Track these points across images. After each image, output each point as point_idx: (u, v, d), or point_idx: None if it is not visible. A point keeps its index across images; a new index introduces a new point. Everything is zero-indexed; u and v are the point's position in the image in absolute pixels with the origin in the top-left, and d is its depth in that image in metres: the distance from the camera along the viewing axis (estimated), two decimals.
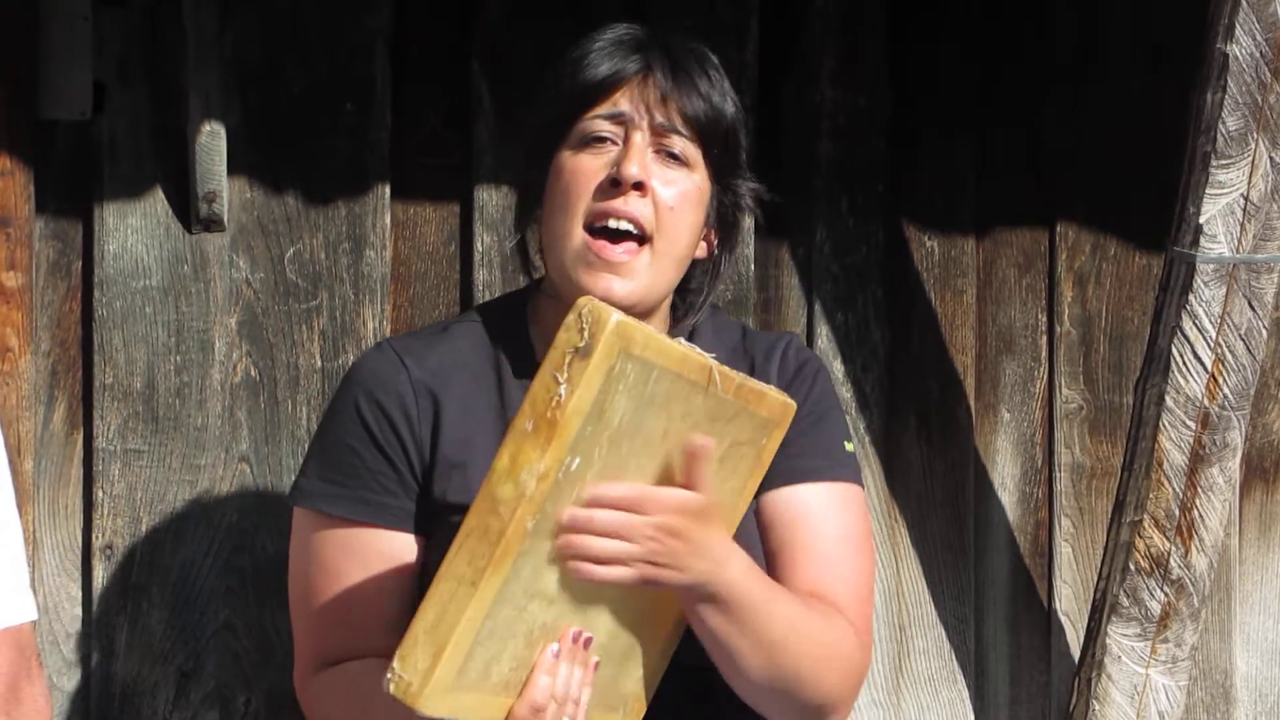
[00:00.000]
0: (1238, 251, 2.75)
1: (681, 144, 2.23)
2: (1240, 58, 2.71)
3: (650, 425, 1.96)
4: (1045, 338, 3.14)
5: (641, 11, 3.00)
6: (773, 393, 2.11)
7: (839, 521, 2.27)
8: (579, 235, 2.20)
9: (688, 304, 2.32)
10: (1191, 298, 2.75)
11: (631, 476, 1.97)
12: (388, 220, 2.95)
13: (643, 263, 2.21)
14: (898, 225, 3.11)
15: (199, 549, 2.90)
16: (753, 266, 3.05)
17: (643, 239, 2.21)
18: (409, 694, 1.89)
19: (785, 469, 2.23)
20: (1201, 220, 2.73)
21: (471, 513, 1.90)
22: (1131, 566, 2.81)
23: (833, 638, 2.19)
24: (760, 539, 2.26)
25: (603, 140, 2.22)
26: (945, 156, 3.11)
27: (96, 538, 2.89)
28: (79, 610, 2.90)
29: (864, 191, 3.09)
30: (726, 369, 2.04)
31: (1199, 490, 2.80)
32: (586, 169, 2.22)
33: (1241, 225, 2.74)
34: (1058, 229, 3.14)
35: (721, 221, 2.31)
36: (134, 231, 2.90)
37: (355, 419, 2.22)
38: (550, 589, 1.97)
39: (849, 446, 2.33)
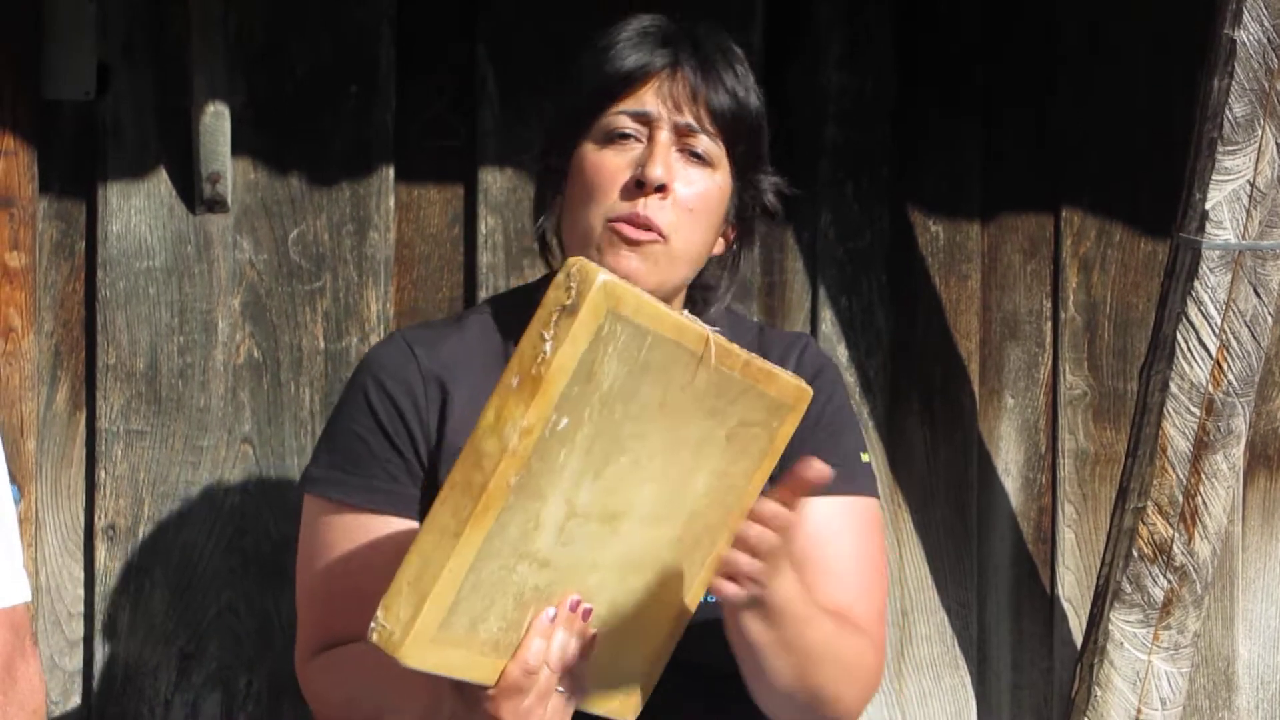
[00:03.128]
0: (1243, 238, 2.74)
1: (705, 143, 2.22)
2: (1248, 44, 2.70)
3: (646, 393, 1.95)
4: (1050, 323, 3.14)
5: None
6: (785, 374, 2.10)
7: (856, 538, 2.26)
8: (600, 228, 2.20)
9: (704, 299, 2.31)
10: (1197, 284, 2.75)
11: (628, 444, 1.96)
12: (391, 202, 2.94)
13: (662, 259, 2.20)
14: (903, 210, 3.10)
15: (201, 530, 2.90)
16: (757, 251, 3.04)
17: (662, 236, 2.21)
18: (391, 643, 1.89)
19: None
20: (1207, 206, 2.73)
21: (457, 467, 1.90)
22: (1135, 553, 2.81)
23: (858, 655, 2.20)
24: None
25: (626, 137, 2.21)
26: (951, 142, 3.11)
27: (99, 518, 2.90)
28: (81, 591, 2.90)
29: (869, 176, 3.08)
30: (730, 344, 2.03)
31: (1203, 477, 2.79)
32: (610, 166, 2.21)
33: (1247, 211, 2.74)
34: (1063, 215, 3.14)
35: (740, 218, 2.29)
36: (137, 212, 2.90)
37: (364, 408, 2.23)
38: (543, 552, 1.96)
39: (865, 458, 2.32)
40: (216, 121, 2.85)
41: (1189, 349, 2.76)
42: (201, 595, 2.90)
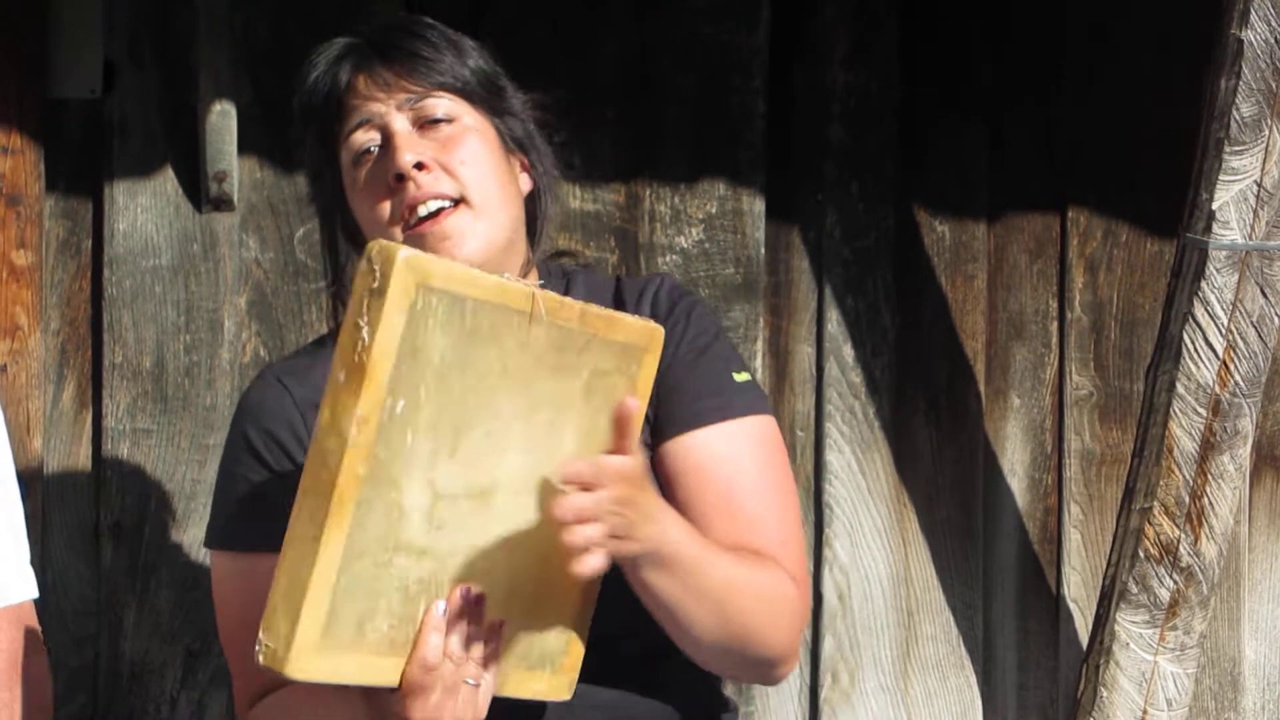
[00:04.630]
0: (1250, 238, 2.74)
1: (433, 104, 2.18)
2: (1255, 43, 2.70)
3: (482, 360, 1.92)
4: (1056, 324, 3.14)
5: None
6: (627, 317, 2.05)
7: (749, 463, 2.17)
8: (401, 239, 2.15)
9: (533, 234, 2.25)
10: (1203, 284, 2.74)
11: (477, 416, 1.93)
12: None
13: (466, 220, 2.15)
14: (908, 210, 3.10)
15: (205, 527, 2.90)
16: (763, 250, 3.04)
17: (457, 202, 2.16)
18: (277, 660, 1.86)
19: (677, 416, 2.16)
20: (1214, 206, 2.73)
21: (304, 473, 1.88)
22: (1141, 553, 2.81)
23: (773, 587, 2.11)
24: (665, 494, 2.14)
25: (367, 152, 2.18)
26: (956, 141, 3.11)
27: (105, 516, 2.90)
28: (87, 589, 2.90)
29: (875, 176, 3.08)
30: (559, 296, 1.99)
31: (1209, 477, 2.79)
32: (371, 185, 2.18)
33: (1254, 212, 2.73)
34: (1069, 214, 3.14)
35: (523, 148, 2.25)
36: (144, 210, 2.90)
37: (248, 451, 2.20)
38: (417, 541, 1.92)
39: (740, 377, 2.21)
40: (223, 120, 2.85)
41: (1195, 349, 2.76)
42: (207, 593, 2.89)
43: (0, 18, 2.81)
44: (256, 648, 1.87)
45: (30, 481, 2.83)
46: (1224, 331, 2.75)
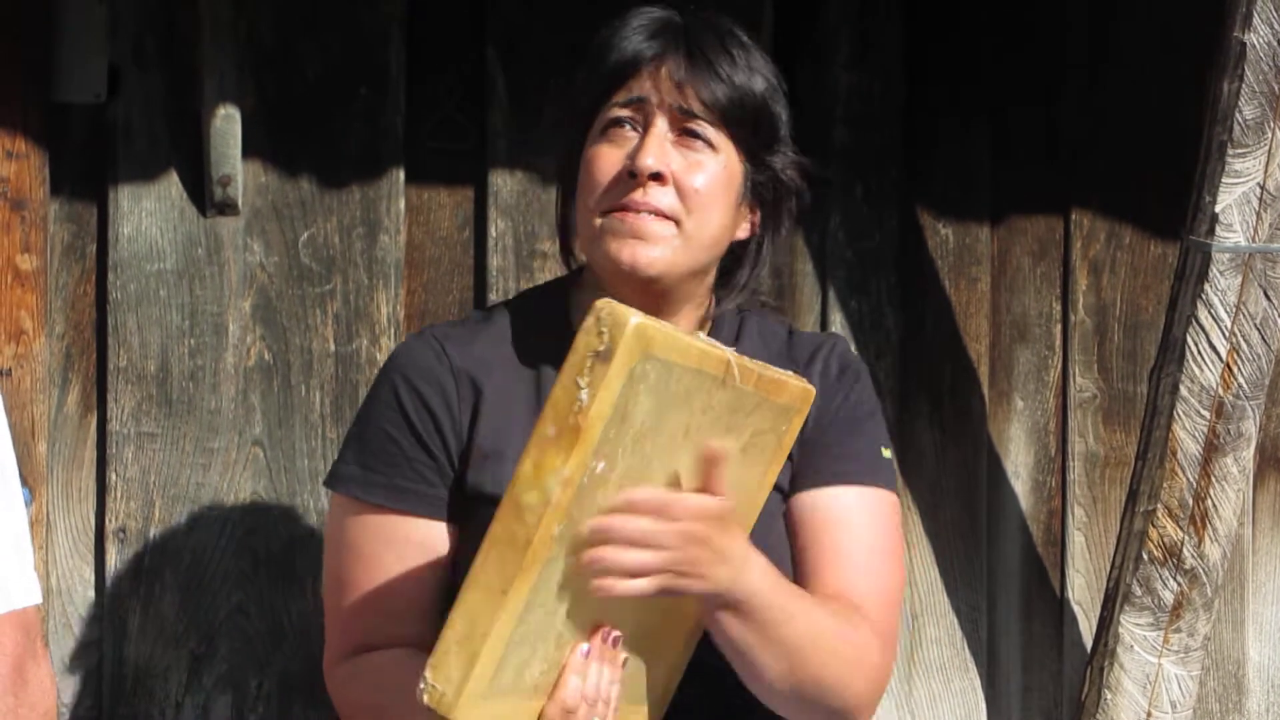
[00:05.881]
0: (1254, 241, 2.74)
1: (705, 127, 2.18)
2: (1258, 46, 2.70)
3: (672, 423, 1.94)
4: (1060, 326, 3.14)
5: None
6: (792, 380, 2.09)
7: (871, 527, 2.23)
8: (600, 220, 2.18)
9: (730, 285, 2.28)
10: (1207, 287, 2.74)
11: (656, 476, 1.95)
12: (401, 205, 2.95)
13: (669, 232, 2.16)
14: (912, 212, 3.10)
15: (212, 532, 2.90)
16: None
17: (670, 219, 2.18)
18: (443, 704, 1.88)
19: (820, 470, 2.21)
20: (1217, 209, 2.73)
21: (497, 520, 1.88)
22: (1145, 556, 2.81)
23: (856, 643, 2.15)
24: (789, 539, 2.22)
25: (621, 125, 2.19)
26: (960, 143, 3.11)
27: (109, 521, 2.90)
28: (92, 593, 2.90)
29: (878, 178, 3.08)
30: (746, 360, 2.01)
31: (1213, 480, 2.79)
32: (605, 158, 2.19)
33: (1258, 214, 2.73)
34: (1073, 217, 3.14)
35: (761, 201, 2.25)
36: (148, 214, 2.90)
37: (394, 406, 2.20)
38: (580, 590, 1.94)
39: (886, 453, 2.28)
40: (227, 124, 2.85)
41: (1199, 352, 2.76)
42: (212, 597, 2.91)
43: (4, 22, 2.82)
44: (421, 685, 1.89)
45: (34, 485, 2.84)
46: (1227, 334, 2.75)
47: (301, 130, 2.92)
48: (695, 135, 2.18)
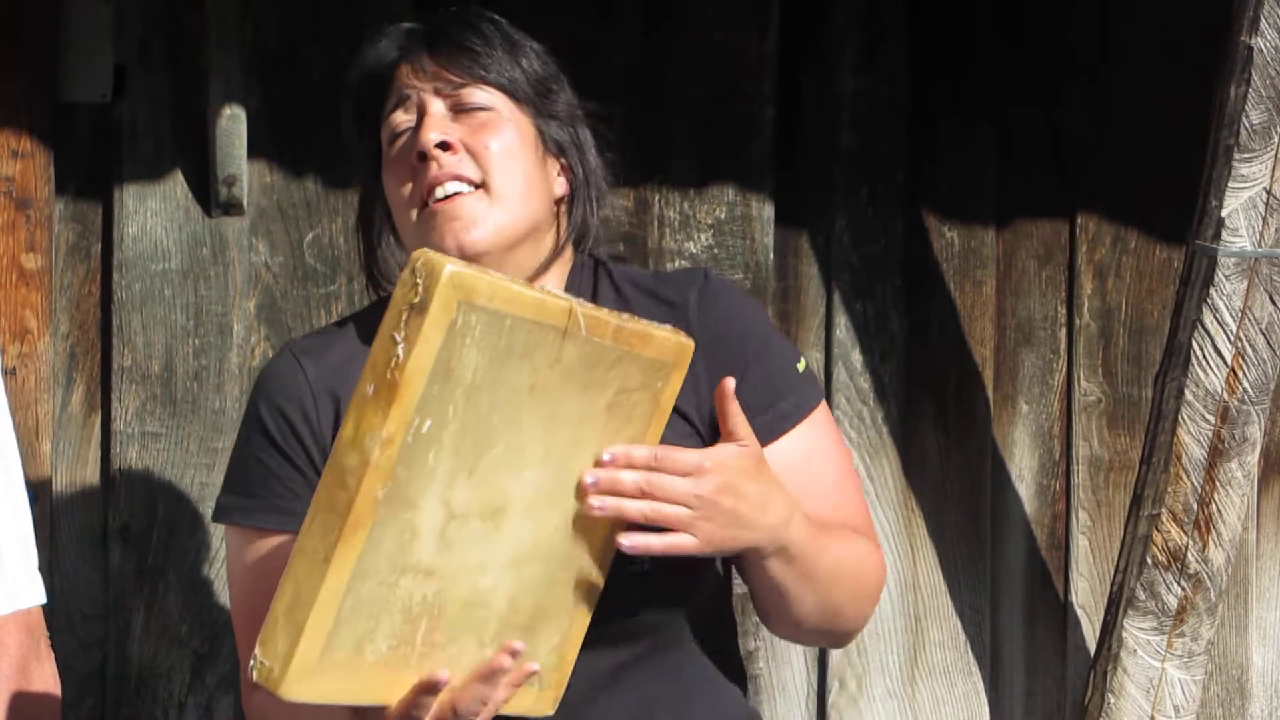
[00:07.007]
0: (1259, 245, 2.74)
1: (476, 94, 2.15)
2: (1265, 51, 2.69)
3: (512, 379, 1.85)
4: (1065, 330, 3.14)
5: (660, 1, 3.00)
6: (661, 331, 1.97)
7: (824, 456, 2.18)
8: (417, 218, 2.13)
9: (560, 241, 2.20)
10: (1212, 291, 2.74)
11: (499, 434, 1.86)
12: None
13: (482, 205, 2.12)
14: (917, 215, 3.10)
15: (215, 532, 2.90)
16: (771, 255, 3.04)
17: (478, 187, 2.13)
18: (271, 680, 1.79)
19: (758, 426, 2.11)
20: (1223, 214, 2.72)
21: (320, 487, 1.80)
22: (1149, 560, 2.81)
23: (866, 564, 2.16)
24: None
25: (403, 135, 2.16)
26: (966, 147, 3.10)
27: (113, 520, 2.90)
28: (95, 592, 2.90)
29: (884, 181, 3.08)
30: (597, 310, 1.91)
31: (1217, 485, 2.79)
32: (399, 164, 2.16)
33: (1264, 219, 2.73)
34: (1078, 221, 3.14)
35: (562, 149, 2.20)
36: (153, 214, 2.90)
37: (259, 428, 2.16)
38: (425, 562, 1.85)
39: (801, 367, 2.20)
40: (232, 124, 2.85)
41: (1204, 356, 2.76)
42: (216, 597, 2.91)
43: (10, 22, 2.82)
44: (250, 663, 1.81)
45: (39, 485, 2.84)
46: (1233, 339, 2.75)
47: (306, 131, 2.92)
48: (471, 107, 2.15)
